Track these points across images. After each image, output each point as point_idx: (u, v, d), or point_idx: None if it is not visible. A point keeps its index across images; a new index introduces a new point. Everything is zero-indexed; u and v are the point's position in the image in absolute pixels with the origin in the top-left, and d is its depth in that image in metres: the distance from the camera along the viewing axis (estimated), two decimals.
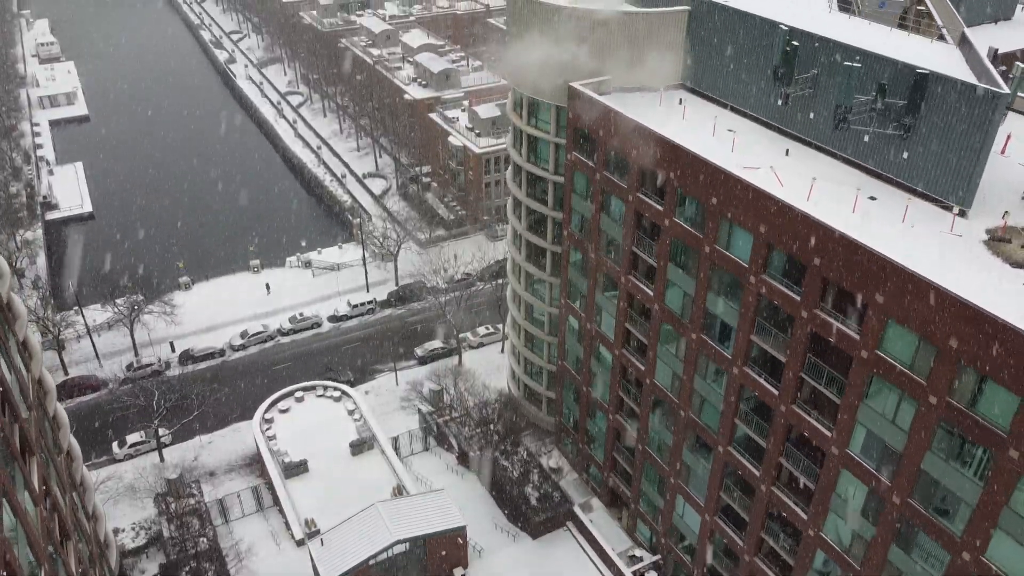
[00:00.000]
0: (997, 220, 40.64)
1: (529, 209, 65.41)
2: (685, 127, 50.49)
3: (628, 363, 57.32)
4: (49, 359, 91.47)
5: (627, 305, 55.43)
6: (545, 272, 66.62)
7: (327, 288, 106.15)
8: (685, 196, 47.08)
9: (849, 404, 39.75)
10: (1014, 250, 37.91)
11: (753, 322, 44.52)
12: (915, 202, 42.00)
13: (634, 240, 52.51)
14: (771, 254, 42.26)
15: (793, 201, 40.71)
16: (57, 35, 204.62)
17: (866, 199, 42.67)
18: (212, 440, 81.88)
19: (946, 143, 40.34)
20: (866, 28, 50.08)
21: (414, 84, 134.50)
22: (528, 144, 62.84)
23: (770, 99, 49.51)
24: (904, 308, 35.28)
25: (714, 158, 45.38)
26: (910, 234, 39.46)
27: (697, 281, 47.82)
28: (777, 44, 46.81)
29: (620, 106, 52.21)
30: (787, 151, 47.72)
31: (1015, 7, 68.93)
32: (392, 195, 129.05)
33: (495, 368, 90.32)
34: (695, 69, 54.80)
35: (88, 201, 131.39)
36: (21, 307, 52.20)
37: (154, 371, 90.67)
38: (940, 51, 46.08)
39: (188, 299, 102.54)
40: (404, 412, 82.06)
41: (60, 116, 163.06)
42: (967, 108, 38.87)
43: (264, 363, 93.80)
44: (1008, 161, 46.28)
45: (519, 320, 71.96)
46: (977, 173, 39.52)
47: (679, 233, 48.12)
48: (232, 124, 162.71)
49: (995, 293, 34.54)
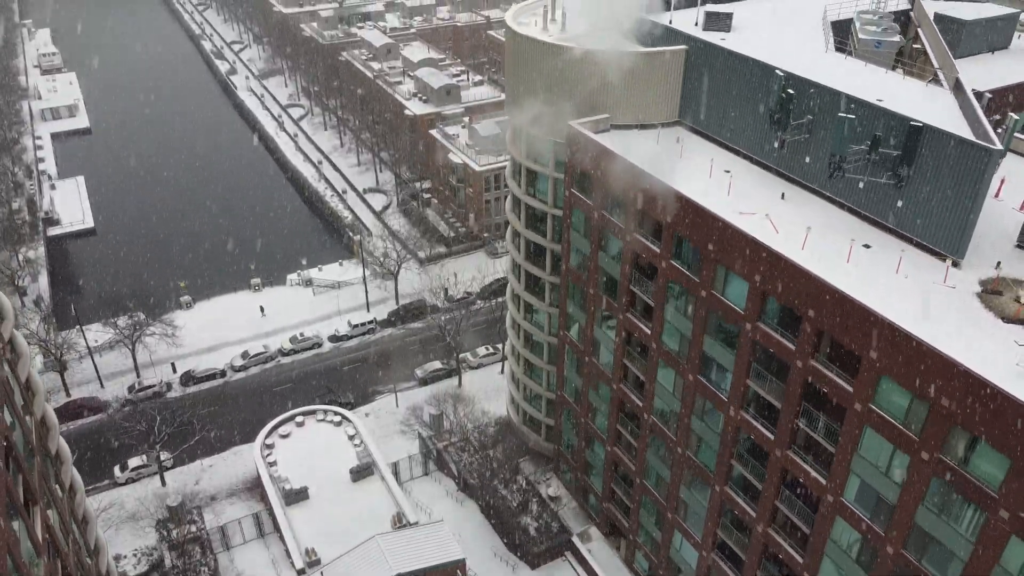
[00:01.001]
0: (991, 269, 41.08)
1: (528, 240, 65.84)
2: (682, 168, 50.89)
3: (626, 397, 57.76)
4: (51, 380, 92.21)
5: (625, 341, 55.85)
6: (544, 302, 67.03)
7: (328, 307, 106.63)
8: (682, 240, 47.48)
9: (843, 453, 40.17)
10: (1006, 303, 38.30)
11: (748, 367, 44.94)
12: (909, 251, 42.43)
13: (631, 279, 52.92)
14: (766, 302, 42.67)
15: (788, 251, 41.13)
16: (59, 45, 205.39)
17: (861, 247, 43.08)
18: (213, 464, 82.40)
19: (939, 195, 40.74)
20: (861, 70, 50.38)
21: (415, 99, 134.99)
22: (527, 177, 63.27)
23: (766, 141, 49.92)
24: (896, 365, 35.69)
25: (710, 203, 45.85)
26: (903, 285, 39.84)
27: (693, 323, 48.23)
28: (773, 88, 47.22)
29: (617, 145, 52.66)
30: (783, 195, 48.13)
31: (1012, 36, 69.17)
32: (392, 211, 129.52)
33: (495, 390, 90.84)
34: (692, 107, 55.21)
35: (90, 216, 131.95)
36: (24, 346, 52.77)
37: (156, 393, 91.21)
38: (934, 96, 46.41)
39: (189, 318, 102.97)
40: (404, 435, 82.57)
41: (62, 129, 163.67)
42: (960, 162, 39.27)
43: (265, 384, 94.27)
44: (1002, 205, 46.68)
45: (518, 347, 72.39)
46: (970, 226, 39.90)
47: (675, 276, 48.55)
48: (233, 136, 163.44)
49: (986, 351, 34.95)
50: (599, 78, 54.85)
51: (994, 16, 66.14)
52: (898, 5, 64.02)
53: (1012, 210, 46.26)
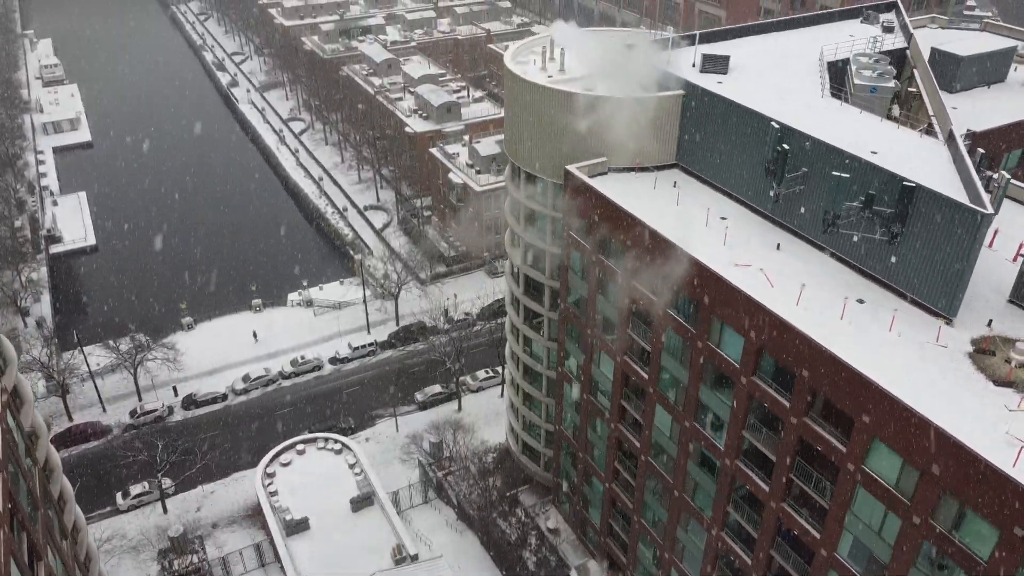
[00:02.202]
0: (983, 326, 41.54)
1: (526, 276, 66.32)
2: (678, 214, 51.34)
3: (624, 437, 58.27)
4: (53, 405, 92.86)
5: (623, 383, 56.33)
6: (543, 336, 67.53)
7: (328, 328, 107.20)
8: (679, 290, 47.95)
9: (837, 510, 40.67)
10: (998, 364, 38.76)
11: (744, 419, 45.44)
12: (903, 307, 42.89)
13: (629, 324, 53.41)
14: (761, 357, 43.15)
15: (783, 307, 41.64)
16: (60, 56, 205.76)
17: (855, 302, 43.54)
18: (215, 490, 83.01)
19: (931, 254, 41.20)
20: (856, 118, 50.87)
21: (415, 116, 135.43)
22: (525, 214, 63.72)
23: (762, 189, 50.35)
24: (888, 430, 36.18)
25: (706, 253, 46.35)
26: (896, 344, 40.30)
27: (690, 372, 48.73)
28: (769, 139, 47.71)
29: (615, 190, 53.21)
30: (778, 245, 48.57)
31: (1008, 70, 69.56)
32: (393, 228, 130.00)
33: (494, 415, 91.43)
34: (690, 151, 55.68)
35: (91, 233, 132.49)
36: (28, 391, 53.36)
37: (157, 417, 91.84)
38: (928, 149, 46.86)
39: (191, 340, 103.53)
40: (404, 463, 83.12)
41: (64, 143, 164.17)
42: (952, 223, 39.72)
43: (266, 408, 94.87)
44: (996, 256, 47.07)
45: (517, 379, 72.89)
46: (962, 287, 40.37)
47: (672, 324, 49.03)
48: (234, 150, 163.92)
49: (976, 416, 35.47)
50: (597, 122, 55.32)
51: (990, 51, 66.69)
52: (894, 44, 64.37)
53: (1006, 261, 46.63)
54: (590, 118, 55.36)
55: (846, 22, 70.79)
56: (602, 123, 55.33)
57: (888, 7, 73.57)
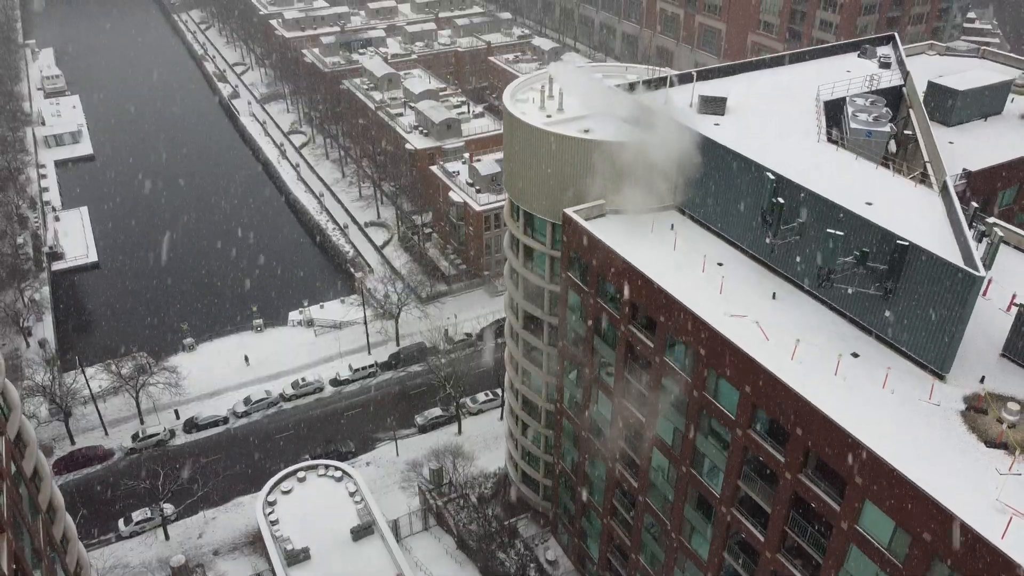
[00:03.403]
0: (976, 381, 41.96)
1: (525, 311, 66.78)
2: (675, 260, 51.75)
3: (621, 477, 58.75)
4: (56, 429, 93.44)
5: (621, 424, 56.81)
6: (541, 369, 68.02)
7: (329, 349, 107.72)
8: (675, 339, 48.42)
9: (830, 566, 41.12)
10: (989, 424, 39.18)
11: (740, 469, 45.91)
12: (897, 362, 43.28)
13: (627, 367, 53.87)
14: (757, 411, 43.60)
15: (777, 363, 42.11)
16: (62, 66, 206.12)
17: (849, 355, 43.95)
18: (216, 516, 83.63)
19: (924, 311, 41.59)
20: (852, 164, 51.25)
21: (415, 132, 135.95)
22: (524, 251, 64.18)
23: (758, 236, 50.73)
24: (880, 493, 36.63)
25: (702, 303, 46.80)
26: (889, 402, 40.72)
27: (687, 419, 49.19)
28: (765, 189, 48.10)
29: (612, 233, 53.69)
30: (774, 294, 48.96)
31: (1004, 102, 69.91)
32: (393, 245, 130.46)
33: (494, 438, 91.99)
34: (686, 194, 56.04)
35: (93, 249, 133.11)
36: (31, 434, 53.94)
37: (159, 441, 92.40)
38: (921, 199, 47.25)
39: (192, 361, 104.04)
40: (405, 490, 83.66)
41: (65, 156, 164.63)
42: (944, 283, 40.11)
43: (267, 431, 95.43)
44: (989, 305, 47.38)
45: (516, 409, 73.39)
46: (954, 345, 40.78)
47: (669, 372, 49.49)
48: (236, 163, 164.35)
49: (967, 480, 35.90)
50: (594, 165, 55.78)
51: (986, 85, 67.03)
52: (891, 81, 64.74)
53: (999, 311, 46.97)
54: (587, 162, 55.84)
55: (844, 56, 71.15)
56: (599, 166, 55.78)
57: (885, 40, 73.92)
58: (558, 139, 56.47)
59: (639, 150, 54.93)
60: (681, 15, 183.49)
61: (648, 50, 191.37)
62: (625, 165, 55.15)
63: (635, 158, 55.14)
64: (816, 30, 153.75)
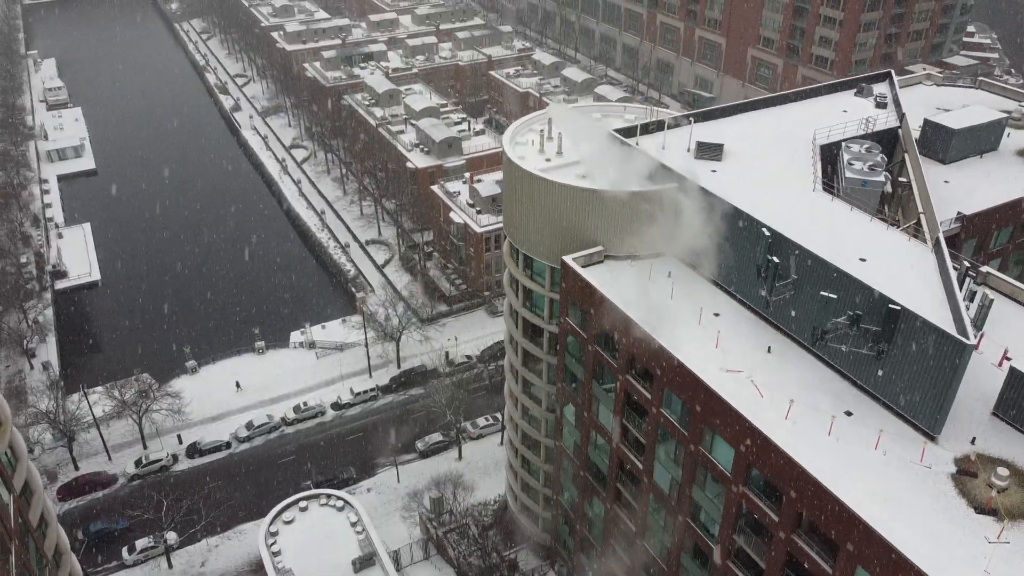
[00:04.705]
0: (967, 442, 42.66)
1: (524, 348, 67.45)
2: (671, 310, 52.41)
3: (619, 519, 59.47)
4: (60, 455, 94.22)
5: (618, 468, 57.53)
6: (541, 407, 68.72)
7: (330, 371, 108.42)
8: (672, 393, 49.11)
9: None
10: (979, 489, 39.90)
11: (735, 523, 46.62)
12: (889, 421, 43.98)
13: (624, 414, 54.58)
14: (751, 469, 44.30)
15: (772, 421, 42.88)
16: (64, 77, 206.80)
17: (843, 414, 44.64)
18: (219, 544, 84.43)
19: (916, 373, 42.29)
20: (846, 216, 51.94)
21: (416, 150, 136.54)
22: (524, 291, 64.86)
23: (754, 288, 51.40)
24: (871, 561, 37.32)
25: (698, 357, 47.54)
26: (881, 464, 41.45)
27: (683, 471, 49.90)
28: (760, 246, 48.75)
29: (609, 281, 54.44)
30: (769, 348, 49.62)
31: (1000, 139, 70.53)
32: (394, 264, 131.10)
33: (494, 464, 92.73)
34: (684, 243, 56.61)
35: (96, 268, 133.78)
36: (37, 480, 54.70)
37: (162, 467, 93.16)
38: (915, 255, 47.90)
39: (195, 385, 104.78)
40: (406, 520, 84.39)
41: (68, 171, 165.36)
42: (935, 348, 40.80)
43: (270, 456, 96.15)
44: (981, 359, 48.06)
45: (516, 443, 74.12)
46: (945, 408, 41.48)
47: (666, 424, 50.20)
48: (237, 178, 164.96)
49: (957, 547, 36.66)
50: (592, 212, 56.46)
51: (982, 123, 67.68)
52: (887, 123, 65.35)
53: (991, 365, 47.60)
54: (585, 209, 56.52)
55: (841, 94, 71.83)
56: (597, 214, 56.48)
57: (882, 76, 74.56)
58: (555, 186, 57.12)
59: (636, 199, 55.65)
60: (681, 28, 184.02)
61: (648, 62, 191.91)
62: (622, 213, 55.84)
63: (632, 207, 55.86)
64: (816, 46, 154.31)
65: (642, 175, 57.15)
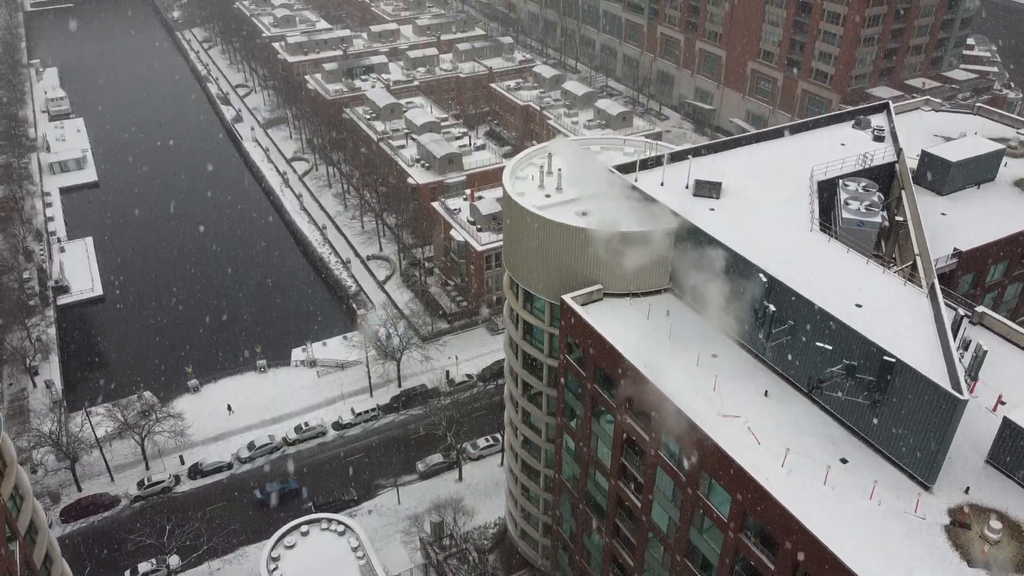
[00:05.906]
0: (961, 491, 43.15)
1: (524, 381, 67.98)
2: (670, 351, 52.86)
3: (618, 553, 60.02)
4: (63, 477, 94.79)
5: (617, 504, 58.05)
6: (541, 438, 69.24)
7: (331, 390, 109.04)
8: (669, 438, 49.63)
9: None
10: (973, 542, 40.39)
11: (732, 568, 47.14)
12: (885, 469, 44.43)
13: (623, 452, 55.10)
14: (748, 518, 44.81)
15: (768, 469, 43.36)
16: (66, 86, 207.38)
17: (839, 461, 45.12)
18: (221, 567, 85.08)
19: (910, 423, 42.77)
20: (843, 258, 52.28)
21: (417, 166, 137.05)
22: (524, 325, 65.37)
23: (751, 330, 51.85)
24: None
25: (696, 401, 47.97)
26: (875, 514, 41.91)
27: (680, 512, 50.42)
28: (758, 287, 49.22)
29: (608, 320, 54.89)
30: (767, 392, 50.09)
31: (997, 170, 70.96)
32: (396, 280, 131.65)
33: (494, 485, 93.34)
34: (682, 281, 57.16)
35: (98, 282, 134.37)
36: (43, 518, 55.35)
37: (164, 488, 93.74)
38: (910, 301, 48.24)
39: (197, 404, 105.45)
40: (407, 544, 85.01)
41: (70, 183, 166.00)
42: (929, 400, 41.27)
43: (271, 476, 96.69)
44: (977, 404, 48.46)
45: (516, 471, 74.64)
46: (939, 459, 41.95)
47: (664, 466, 50.71)
48: (239, 191, 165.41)
49: None
50: (591, 251, 56.92)
51: (979, 155, 68.13)
52: (884, 157, 65.75)
53: (986, 410, 48.02)
54: (584, 247, 56.99)
55: (839, 127, 72.25)
56: (596, 252, 56.92)
57: (880, 108, 74.98)
58: (553, 225, 57.58)
59: (634, 238, 56.12)
60: (682, 40, 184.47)
61: (649, 73, 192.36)
62: (620, 252, 56.30)
63: (631, 246, 56.31)
64: (815, 60, 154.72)
65: (640, 214, 57.67)
